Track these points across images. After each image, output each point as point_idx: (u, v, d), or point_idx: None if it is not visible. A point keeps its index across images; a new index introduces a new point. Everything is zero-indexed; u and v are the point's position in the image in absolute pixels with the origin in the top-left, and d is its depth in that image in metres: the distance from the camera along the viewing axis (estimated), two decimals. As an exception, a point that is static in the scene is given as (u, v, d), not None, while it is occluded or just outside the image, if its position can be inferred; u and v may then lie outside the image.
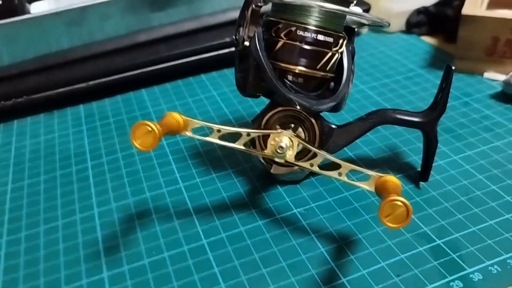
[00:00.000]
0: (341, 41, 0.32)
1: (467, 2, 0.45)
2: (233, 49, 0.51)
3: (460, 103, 0.42)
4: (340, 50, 0.32)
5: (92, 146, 0.43)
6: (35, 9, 0.48)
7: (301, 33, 0.31)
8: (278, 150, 0.29)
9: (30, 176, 0.40)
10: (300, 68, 0.31)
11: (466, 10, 0.44)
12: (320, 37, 0.31)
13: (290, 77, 0.32)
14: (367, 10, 0.54)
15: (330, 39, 0.31)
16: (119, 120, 0.46)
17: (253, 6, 0.30)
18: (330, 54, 0.31)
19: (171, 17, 0.49)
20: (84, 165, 0.40)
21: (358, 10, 0.33)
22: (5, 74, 0.47)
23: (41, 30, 0.46)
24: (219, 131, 0.29)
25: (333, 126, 0.33)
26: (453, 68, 0.31)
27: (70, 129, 0.45)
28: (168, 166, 0.39)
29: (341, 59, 0.33)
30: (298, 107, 0.32)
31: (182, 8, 0.49)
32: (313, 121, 0.33)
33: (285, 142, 0.29)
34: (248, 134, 0.30)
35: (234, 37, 0.32)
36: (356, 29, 0.34)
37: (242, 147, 0.30)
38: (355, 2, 0.32)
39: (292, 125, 0.32)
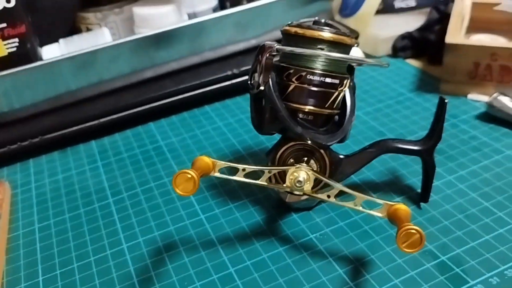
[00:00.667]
0: (345, 81, 0.35)
1: (450, 30, 0.50)
2: (234, 81, 0.55)
3: (449, 125, 0.46)
4: (345, 89, 0.36)
5: (110, 182, 0.45)
6: (46, 52, 0.50)
7: (310, 77, 0.34)
8: (297, 184, 0.33)
9: (55, 215, 0.42)
10: (309, 108, 0.35)
11: (449, 39, 0.48)
12: (328, 80, 0.34)
13: (301, 115, 0.35)
14: (356, 37, 0.58)
15: (336, 81, 0.34)
16: (133, 154, 0.49)
17: (267, 54, 0.33)
18: (336, 93, 0.35)
19: (174, 55, 0.52)
20: (106, 201, 0.43)
21: (360, 53, 0.37)
22: (20, 116, 0.49)
23: (53, 73, 0.48)
24: (244, 170, 0.32)
25: (341, 156, 0.37)
26: (446, 101, 0.35)
27: (86, 166, 0.48)
28: (187, 199, 0.42)
29: (344, 95, 0.37)
30: (309, 142, 0.35)
31: (184, 46, 0.52)
32: (323, 152, 0.36)
33: (303, 176, 0.33)
34: (270, 171, 0.33)
35: (249, 82, 0.35)
36: (355, 66, 0.38)
37: (265, 183, 0.33)
38: (356, 45, 0.36)
39: (305, 158, 0.36)
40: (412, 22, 0.60)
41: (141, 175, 0.45)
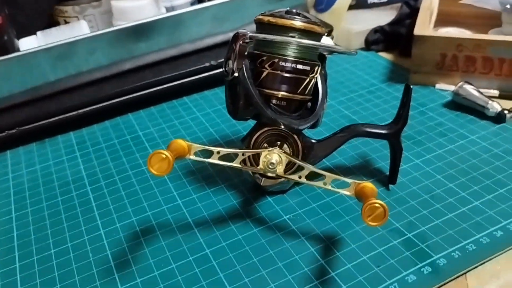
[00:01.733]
0: (316, 68, 0.37)
1: (418, 23, 0.51)
2: (211, 72, 0.56)
3: (417, 113, 0.48)
4: (316, 76, 0.37)
5: (88, 172, 0.45)
6: (23, 44, 0.50)
7: (282, 63, 0.35)
8: (270, 166, 0.34)
9: (32, 204, 0.42)
10: (282, 93, 0.36)
11: (418, 31, 0.50)
12: (299, 66, 0.35)
13: (274, 101, 0.36)
14: (330, 31, 0.59)
15: (308, 67, 0.36)
16: (111, 144, 0.49)
17: (241, 42, 0.35)
18: (308, 80, 0.36)
19: (153, 47, 0.53)
20: (84, 190, 0.43)
21: (330, 41, 0.38)
22: (-3, 108, 0.49)
23: (31, 65, 0.48)
24: (218, 152, 0.33)
25: (313, 141, 0.38)
26: (411, 87, 0.36)
27: (64, 157, 0.48)
28: (165, 185, 0.42)
29: (316, 82, 0.38)
30: (282, 127, 0.36)
31: (162, 38, 0.53)
32: (296, 137, 0.37)
33: (275, 159, 0.34)
34: (244, 154, 0.34)
35: (223, 69, 0.36)
36: (327, 56, 0.40)
37: (239, 165, 0.34)
38: (326, 33, 0.37)
39: (279, 143, 0.37)
40: (384, 17, 0.62)
41: (119, 164, 0.46)
